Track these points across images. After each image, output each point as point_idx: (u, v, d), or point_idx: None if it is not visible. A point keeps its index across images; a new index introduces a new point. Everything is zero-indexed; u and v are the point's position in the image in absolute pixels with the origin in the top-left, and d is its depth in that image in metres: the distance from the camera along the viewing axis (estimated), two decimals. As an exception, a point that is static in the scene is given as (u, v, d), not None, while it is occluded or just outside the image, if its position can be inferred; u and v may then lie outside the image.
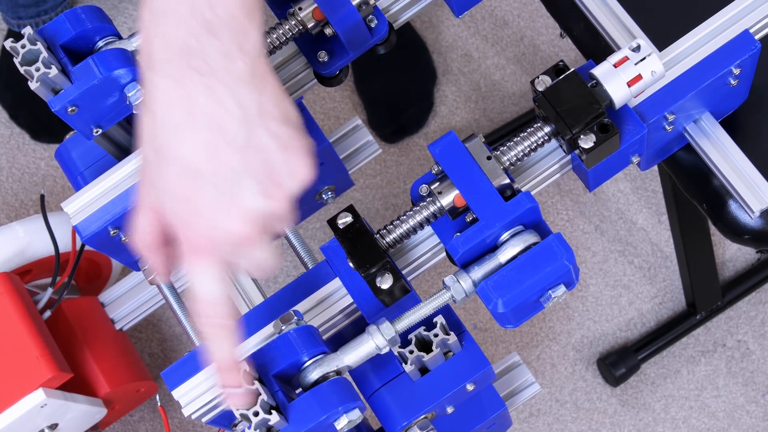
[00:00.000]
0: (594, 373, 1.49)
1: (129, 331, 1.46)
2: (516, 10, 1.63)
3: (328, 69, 0.89)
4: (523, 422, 1.48)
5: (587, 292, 1.52)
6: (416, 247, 0.85)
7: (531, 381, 0.91)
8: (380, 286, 0.81)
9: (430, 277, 1.52)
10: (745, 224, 0.95)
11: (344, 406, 0.74)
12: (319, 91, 1.60)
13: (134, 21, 1.66)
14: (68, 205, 0.89)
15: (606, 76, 0.79)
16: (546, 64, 1.60)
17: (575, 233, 1.54)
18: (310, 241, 1.54)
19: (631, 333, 1.50)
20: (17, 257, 1.20)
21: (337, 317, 0.84)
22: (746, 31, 0.83)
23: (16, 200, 1.57)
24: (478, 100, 1.59)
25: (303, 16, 0.87)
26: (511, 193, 0.80)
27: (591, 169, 0.83)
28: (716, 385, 1.48)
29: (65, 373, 1.12)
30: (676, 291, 1.51)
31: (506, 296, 0.76)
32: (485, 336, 1.51)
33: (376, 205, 1.56)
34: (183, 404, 0.81)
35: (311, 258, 0.93)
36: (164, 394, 1.37)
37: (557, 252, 0.76)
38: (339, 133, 1.04)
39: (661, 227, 1.53)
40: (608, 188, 1.55)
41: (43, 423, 1.12)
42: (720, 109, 0.88)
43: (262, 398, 0.72)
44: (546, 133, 0.82)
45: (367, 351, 0.77)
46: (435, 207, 0.81)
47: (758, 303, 1.50)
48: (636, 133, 0.82)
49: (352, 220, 0.82)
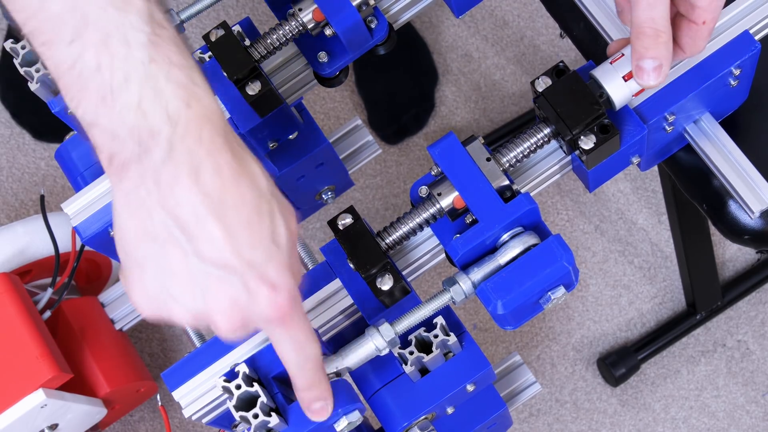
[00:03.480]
0: (594, 373, 1.49)
1: (129, 331, 1.46)
2: (516, 10, 1.63)
3: (328, 69, 0.89)
4: (523, 422, 1.48)
5: (587, 292, 1.52)
6: (416, 248, 0.85)
7: (531, 381, 0.91)
8: (380, 287, 0.81)
9: (430, 278, 1.52)
10: (745, 224, 0.95)
11: (344, 408, 0.74)
12: (319, 91, 1.60)
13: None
14: (68, 206, 0.89)
15: (606, 77, 0.79)
16: (546, 64, 1.60)
17: (575, 233, 1.54)
18: (310, 241, 1.54)
19: (631, 333, 1.50)
20: (17, 257, 1.20)
21: (338, 318, 0.84)
22: (746, 31, 0.83)
23: (16, 200, 1.57)
24: (478, 100, 1.59)
25: (303, 16, 0.87)
26: (510, 195, 0.80)
27: (591, 170, 0.83)
28: (716, 385, 1.48)
29: (65, 374, 1.12)
30: (676, 291, 1.51)
31: (506, 298, 0.76)
32: (485, 336, 1.51)
33: (376, 205, 1.56)
34: (183, 405, 0.81)
35: (311, 258, 0.93)
36: (164, 394, 1.37)
37: (557, 253, 0.76)
38: (339, 133, 1.04)
39: (661, 227, 1.53)
40: (608, 188, 1.55)
41: (43, 423, 1.12)
42: (720, 110, 0.88)
43: (261, 400, 0.72)
44: (546, 134, 0.82)
45: (366, 353, 0.77)
46: (434, 209, 0.81)
47: (758, 303, 1.50)
48: (636, 134, 0.82)
49: (352, 220, 0.82)
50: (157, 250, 0.62)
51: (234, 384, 0.73)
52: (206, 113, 0.62)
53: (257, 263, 0.63)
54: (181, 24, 0.87)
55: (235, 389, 0.73)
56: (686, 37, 0.77)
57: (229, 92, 0.88)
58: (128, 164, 0.61)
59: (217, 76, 0.88)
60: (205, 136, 0.61)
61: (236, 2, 1.64)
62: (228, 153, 0.62)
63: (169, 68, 0.61)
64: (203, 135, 0.61)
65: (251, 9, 1.63)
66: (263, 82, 0.85)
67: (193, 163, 0.61)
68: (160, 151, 0.60)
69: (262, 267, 0.63)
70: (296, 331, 0.67)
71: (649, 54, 0.75)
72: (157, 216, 0.61)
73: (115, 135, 0.61)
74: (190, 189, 0.61)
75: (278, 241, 0.64)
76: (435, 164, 0.81)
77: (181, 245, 0.62)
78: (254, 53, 0.87)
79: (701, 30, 0.76)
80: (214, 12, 1.62)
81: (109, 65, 0.60)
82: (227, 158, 0.62)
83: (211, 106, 0.62)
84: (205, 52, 0.90)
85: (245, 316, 0.64)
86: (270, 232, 0.63)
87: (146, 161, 0.61)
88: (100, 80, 0.60)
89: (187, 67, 0.62)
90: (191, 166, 0.61)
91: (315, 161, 0.96)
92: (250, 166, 0.63)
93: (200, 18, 1.61)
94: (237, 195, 0.62)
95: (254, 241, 0.62)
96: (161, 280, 0.63)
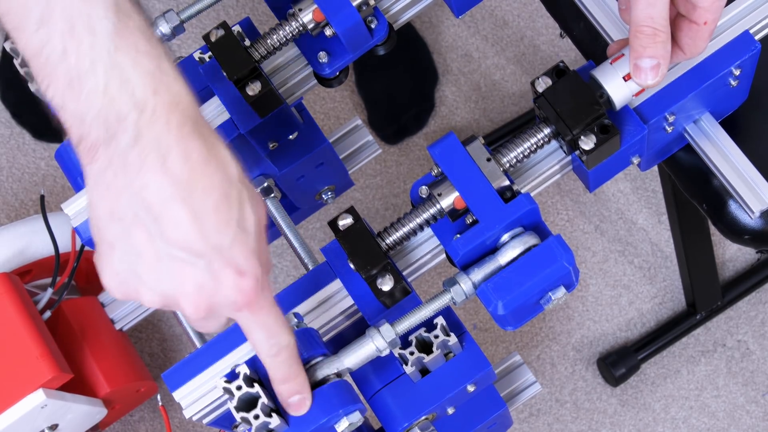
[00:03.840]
0: (594, 373, 1.49)
1: (129, 331, 1.46)
2: (516, 10, 1.63)
3: (328, 70, 0.89)
4: (523, 422, 1.48)
5: (587, 292, 1.52)
6: (417, 248, 0.85)
7: (532, 381, 0.91)
8: (381, 288, 0.81)
9: (430, 278, 1.52)
10: (745, 224, 0.95)
11: (345, 409, 0.74)
12: (319, 91, 1.60)
13: (134, 21, 1.66)
14: (68, 206, 0.89)
15: (606, 77, 0.79)
16: (546, 64, 1.60)
17: (575, 233, 1.54)
18: (310, 241, 1.54)
19: (631, 333, 1.50)
20: (17, 257, 1.19)
21: (338, 318, 0.84)
22: (746, 31, 0.83)
23: (16, 200, 1.57)
24: (478, 100, 1.59)
25: (303, 17, 0.87)
26: (511, 195, 0.80)
27: (591, 170, 0.83)
28: (716, 385, 1.48)
29: (65, 374, 1.12)
30: (676, 291, 1.51)
31: (506, 298, 0.76)
32: (485, 336, 1.51)
33: (376, 205, 1.56)
34: (184, 406, 0.81)
35: (311, 259, 0.93)
36: (165, 394, 1.37)
37: (557, 254, 0.76)
38: (339, 133, 1.04)
39: (661, 227, 1.53)
40: (608, 188, 1.55)
41: (43, 424, 1.12)
42: (720, 110, 0.88)
43: (262, 401, 0.72)
44: (546, 134, 0.82)
45: (367, 354, 0.77)
46: (435, 209, 0.81)
47: (758, 303, 1.50)
48: (636, 134, 0.82)
49: (352, 221, 0.82)
50: (125, 231, 0.63)
51: (235, 385, 0.73)
52: (174, 100, 0.62)
53: (223, 247, 0.63)
54: (181, 24, 0.87)
55: (236, 390, 0.73)
56: (686, 37, 0.77)
57: (229, 92, 0.88)
58: (96, 147, 0.62)
59: (217, 76, 0.88)
60: (174, 123, 0.62)
61: (236, 2, 1.64)
62: (197, 139, 0.62)
63: (135, 56, 0.61)
64: (171, 121, 0.61)
65: (251, 9, 1.63)
66: (263, 82, 0.85)
67: (160, 148, 0.61)
68: (127, 136, 0.61)
69: (228, 251, 0.63)
70: (265, 318, 0.67)
71: (647, 53, 0.75)
72: (125, 198, 0.62)
73: (83, 119, 0.61)
74: (156, 173, 0.61)
75: (246, 227, 0.64)
76: (435, 164, 0.81)
77: (147, 227, 0.62)
78: (254, 53, 0.87)
79: (702, 31, 0.76)
80: (214, 12, 1.62)
81: (76, 51, 0.61)
82: (196, 144, 0.62)
83: (180, 93, 0.62)
84: (205, 52, 0.90)
85: (211, 301, 0.64)
86: (238, 217, 0.63)
87: (113, 145, 0.61)
88: (67, 66, 0.61)
89: (154, 56, 0.62)
90: (159, 151, 0.61)
91: (315, 161, 0.96)
92: (220, 152, 0.63)
93: (200, 18, 1.61)
94: (205, 180, 0.62)
95: (221, 225, 0.63)
96: (129, 261, 0.63)
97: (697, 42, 0.77)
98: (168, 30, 0.87)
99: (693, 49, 0.78)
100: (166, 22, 0.87)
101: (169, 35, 0.87)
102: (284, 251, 1.54)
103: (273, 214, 0.96)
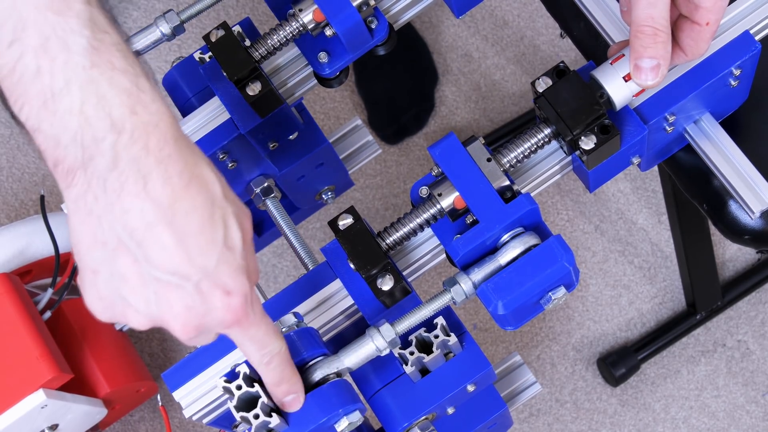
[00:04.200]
0: (594, 373, 1.49)
1: (129, 331, 1.46)
2: (516, 10, 1.63)
3: (329, 70, 0.89)
4: (523, 422, 1.48)
5: (587, 292, 1.52)
6: (417, 248, 0.85)
7: (532, 381, 0.91)
8: (381, 288, 0.81)
9: (430, 278, 1.52)
10: (745, 224, 0.95)
11: (345, 408, 0.74)
12: (319, 91, 1.60)
13: (134, 21, 1.66)
14: (68, 206, 0.89)
15: (606, 77, 0.79)
16: (546, 64, 1.60)
17: (575, 233, 1.54)
18: (310, 241, 1.54)
19: (631, 333, 1.50)
20: (17, 257, 1.20)
21: (338, 318, 0.84)
22: (746, 32, 0.83)
23: (16, 200, 1.57)
24: (478, 100, 1.59)
25: (303, 17, 0.87)
26: (511, 195, 0.80)
27: (592, 170, 0.83)
28: (716, 385, 1.48)
29: (65, 374, 1.12)
30: (676, 291, 1.51)
31: (506, 298, 0.76)
32: (485, 336, 1.51)
33: (376, 205, 1.56)
34: (184, 405, 0.81)
35: (311, 259, 0.93)
36: (165, 394, 1.37)
37: (557, 254, 0.76)
38: (339, 133, 1.04)
39: (661, 227, 1.54)
40: (608, 188, 1.55)
41: (43, 424, 1.12)
42: (720, 110, 0.88)
43: (262, 401, 0.72)
44: (546, 134, 0.82)
45: (367, 353, 0.77)
46: (435, 209, 0.81)
47: (758, 303, 1.51)
48: (637, 134, 0.82)
49: (352, 221, 0.82)
50: (108, 256, 0.62)
51: (235, 384, 0.73)
52: (153, 120, 0.61)
53: (210, 268, 0.62)
54: (181, 24, 0.87)
55: (236, 390, 0.73)
56: (688, 39, 0.77)
57: (230, 92, 0.88)
58: (74, 171, 0.61)
59: (218, 76, 0.88)
60: (153, 145, 0.60)
61: (236, 2, 1.64)
62: (178, 161, 0.61)
63: (111, 73, 0.60)
64: (150, 143, 0.60)
65: (251, 9, 1.63)
66: (263, 82, 0.85)
67: (140, 171, 0.60)
68: (105, 159, 0.60)
69: (214, 272, 0.63)
70: (254, 331, 0.67)
71: (647, 53, 0.74)
72: (106, 222, 0.61)
73: (58, 141, 0.60)
74: (137, 197, 0.60)
75: (231, 246, 0.63)
76: (435, 164, 0.81)
77: (132, 252, 0.61)
78: (254, 53, 0.87)
79: (704, 32, 0.76)
80: (214, 12, 1.62)
81: (49, 69, 0.59)
82: (177, 167, 0.61)
83: (158, 111, 0.61)
84: (206, 52, 0.90)
85: (201, 321, 0.64)
86: (223, 236, 0.63)
87: (91, 168, 0.60)
88: (41, 84, 0.59)
89: (131, 73, 0.61)
90: (138, 174, 0.60)
91: (315, 161, 0.96)
92: (201, 171, 0.63)
93: (200, 18, 1.61)
94: (187, 202, 0.61)
95: (206, 246, 0.62)
96: (114, 285, 0.63)
97: (699, 43, 0.77)
98: (168, 30, 0.87)
99: (695, 50, 0.78)
100: (166, 22, 0.87)
101: (169, 35, 0.87)
102: (284, 251, 1.54)
103: (273, 214, 0.96)
